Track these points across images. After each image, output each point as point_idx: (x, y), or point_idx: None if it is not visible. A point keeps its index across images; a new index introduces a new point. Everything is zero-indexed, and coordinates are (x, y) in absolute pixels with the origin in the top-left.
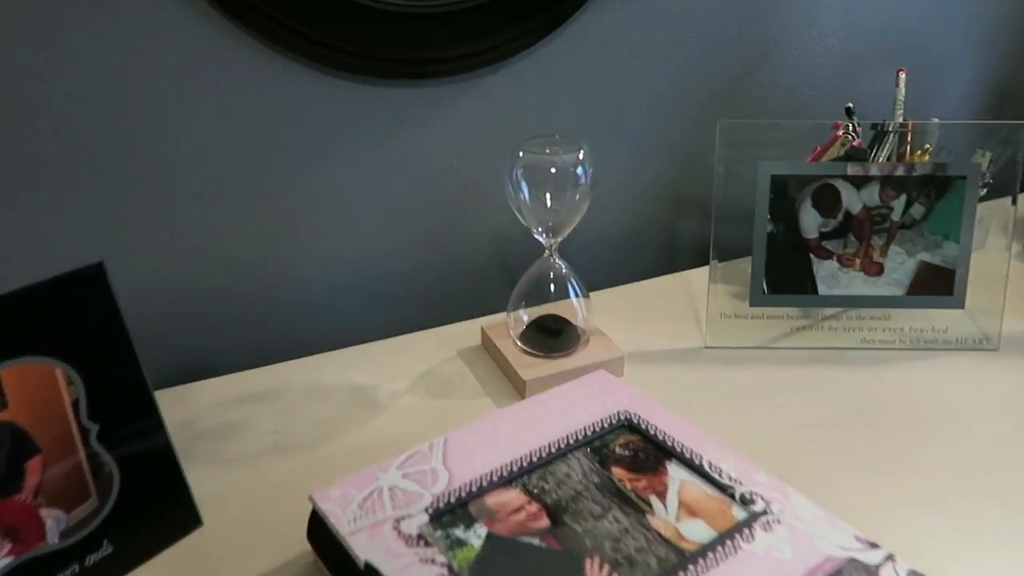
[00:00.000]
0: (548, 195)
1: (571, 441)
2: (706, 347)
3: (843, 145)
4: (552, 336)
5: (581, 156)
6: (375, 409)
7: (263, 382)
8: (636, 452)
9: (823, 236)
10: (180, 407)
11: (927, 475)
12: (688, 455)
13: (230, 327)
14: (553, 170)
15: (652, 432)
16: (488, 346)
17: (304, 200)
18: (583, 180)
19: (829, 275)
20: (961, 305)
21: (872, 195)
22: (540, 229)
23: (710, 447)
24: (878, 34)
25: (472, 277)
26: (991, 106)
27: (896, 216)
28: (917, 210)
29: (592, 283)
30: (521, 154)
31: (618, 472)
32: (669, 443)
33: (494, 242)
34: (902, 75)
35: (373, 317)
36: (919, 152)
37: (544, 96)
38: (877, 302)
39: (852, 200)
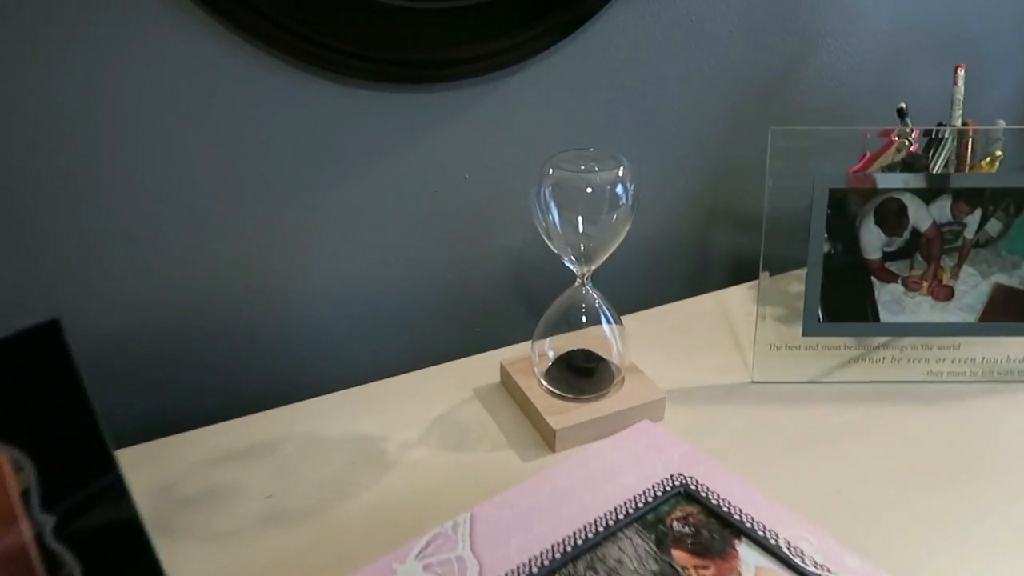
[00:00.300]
0: (581, 218)
1: (620, 515)
2: (753, 382)
3: (898, 151)
4: (583, 376)
5: (621, 173)
6: (384, 465)
7: (255, 433)
8: (698, 529)
9: (886, 257)
10: (157, 467)
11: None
12: (761, 532)
13: (216, 368)
14: (589, 190)
15: (714, 501)
16: (509, 385)
17: (302, 221)
18: (623, 201)
19: (893, 300)
20: None
21: (943, 210)
22: (572, 256)
23: (785, 519)
24: (922, 29)
25: (490, 304)
26: None
27: (970, 233)
28: (993, 226)
29: (617, 306)
30: (551, 171)
31: (680, 556)
32: (736, 516)
33: (514, 265)
34: (960, 72)
35: (380, 352)
36: (987, 160)
37: (567, 101)
38: (948, 330)
39: (920, 216)
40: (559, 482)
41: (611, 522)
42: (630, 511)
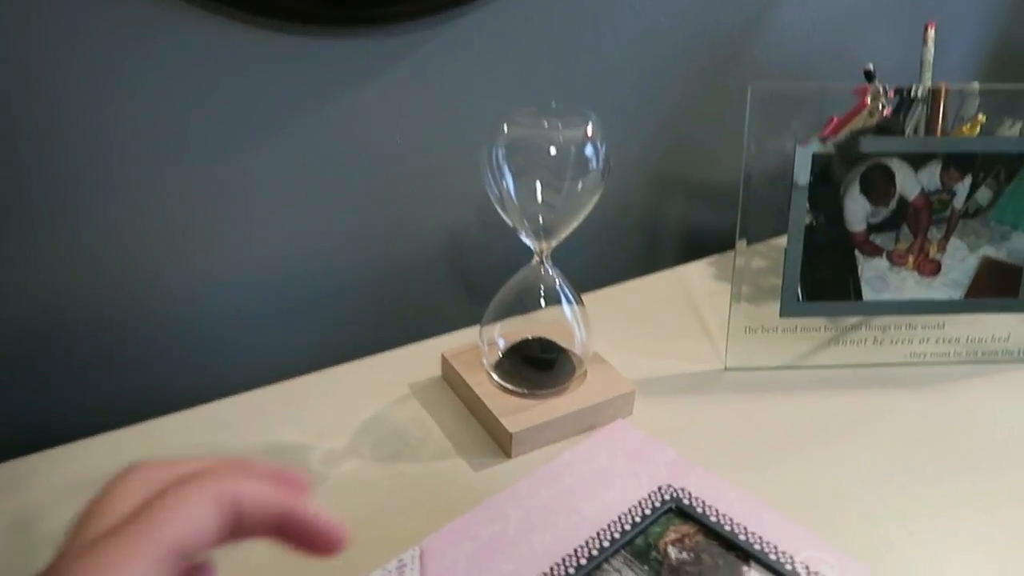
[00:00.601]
0: (541, 185)
1: (605, 542)
2: (726, 369)
3: (871, 115)
4: (541, 369)
5: (590, 131)
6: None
7: (146, 445)
8: (698, 554)
9: (871, 229)
10: (14, 494)
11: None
12: (773, 555)
13: (93, 371)
14: (552, 151)
15: (713, 518)
16: (452, 379)
17: (204, 192)
18: (593, 164)
19: (876, 276)
20: None
21: (932, 177)
22: (530, 229)
23: (797, 537)
24: None
25: (428, 286)
26: (993, 70)
27: (959, 203)
28: (983, 195)
29: None
30: (506, 128)
31: None
32: (742, 535)
33: (458, 240)
34: (931, 31)
35: (298, 343)
36: (968, 125)
37: (511, 54)
38: (934, 307)
39: (909, 183)
40: (526, 503)
41: (594, 551)
42: (615, 536)
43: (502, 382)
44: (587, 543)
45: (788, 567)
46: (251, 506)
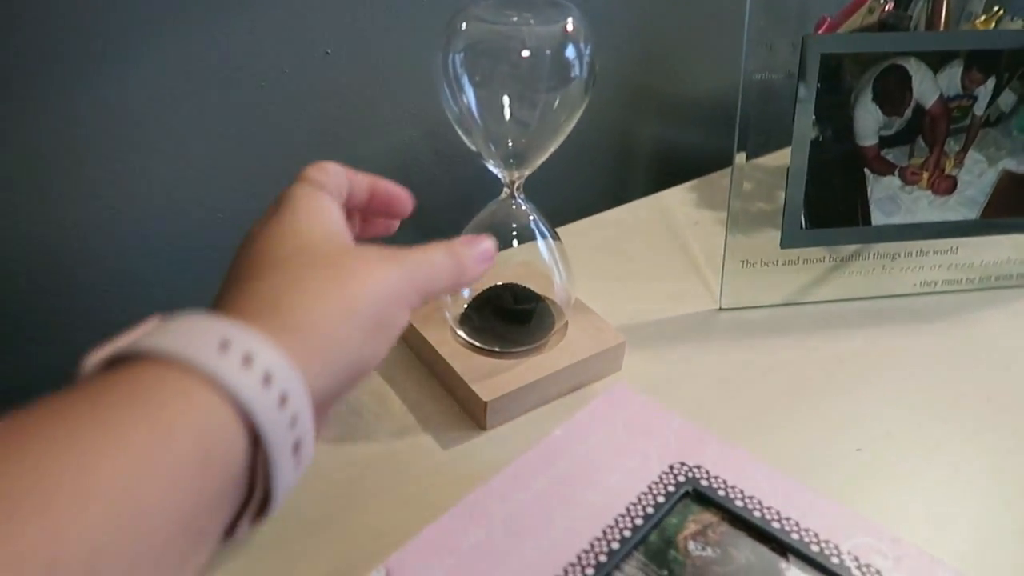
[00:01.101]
0: (510, 98)
1: (613, 543)
2: (721, 309)
3: (871, 12)
4: (516, 322)
5: (570, 28)
6: None
7: None
8: (725, 549)
9: (883, 143)
10: None
11: None
12: (816, 546)
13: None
14: (524, 53)
15: (738, 502)
16: (412, 340)
17: (83, 122)
18: (576, 71)
19: (887, 197)
20: None
21: (953, 80)
22: (497, 155)
23: (841, 520)
24: None
25: None
26: None
27: (980, 109)
28: (1007, 100)
29: None
30: (463, 26)
31: None
32: (772, 520)
33: (404, 171)
34: None
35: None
36: (982, 19)
37: None
38: (948, 230)
39: (926, 88)
40: (513, 498)
41: (602, 557)
42: (625, 534)
43: (470, 340)
44: (592, 546)
45: (835, 559)
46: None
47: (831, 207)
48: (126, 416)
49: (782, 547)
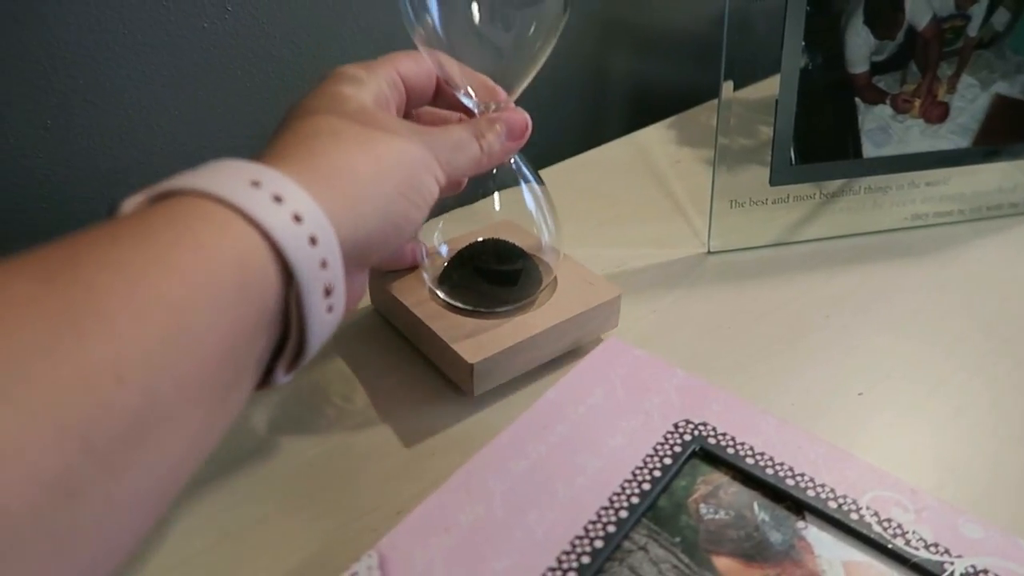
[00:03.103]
0: (482, 15)
1: (621, 511)
2: (710, 252)
3: None
4: (502, 282)
5: None
6: None
7: None
8: (739, 511)
9: (874, 69)
10: None
11: None
12: (829, 500)
13: None
14: None
15: (749, 459)
16: (387, 306)
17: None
18: None
19: (878, 128)
20: None
21: None
22: (467, 85)
23: (859, 473)
24: None
25: None
26: None
27: (973, 30)
28: (1000, 18)
29: None
30: None
31: (726, 566)
32: (786, 478)
33: None
34: None
35: None
36: None
37: None
38: (941, 159)
39: (919, 8)
40: (512, 467)
41: (611, 528)
42: (633, 501)
43: (451, 300)
44: (599, 516)
45: (854, 516)
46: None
47: (821, 140)
48: (170, 240)
49: (798, 505)
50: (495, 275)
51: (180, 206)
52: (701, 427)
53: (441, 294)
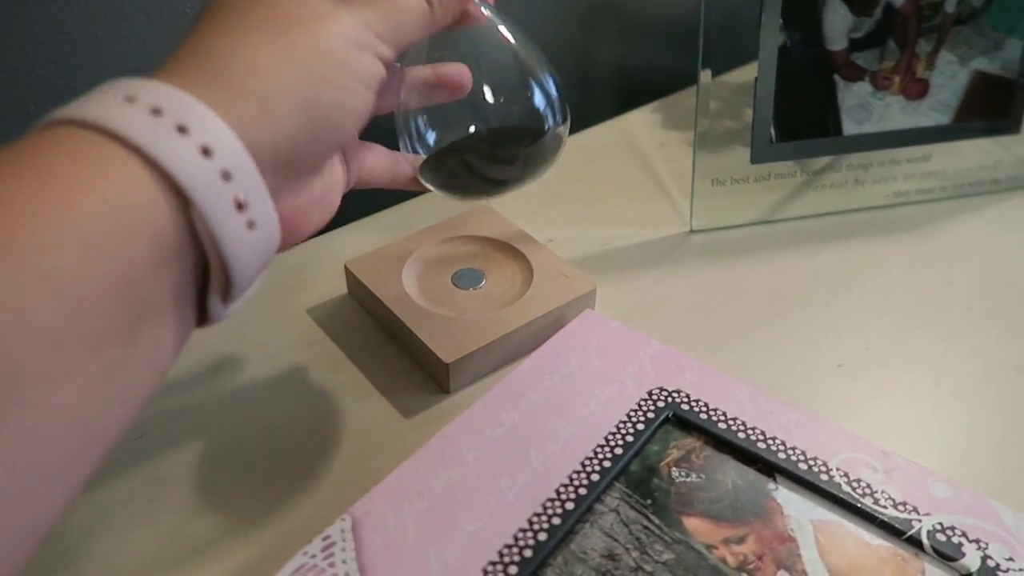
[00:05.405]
0: None
1: (593, 475)
2: (692, 231)
3: None
4: (507, 163)
5: None
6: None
7: None
8: (710, 474)
9: (852, 47)
10: None
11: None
12: (800, 462)
13: None
14: None
15: (721, 425)
16: (365, 300)
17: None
18: None
19: (858, 105)
20: (1016, 129)
21: None
22: None
23: (828, 436)
24: None
25: None
26: None
27: (951, 6)
28: None
29: None
30: None
31: (697, 527)
32: (758, 441)
33: None
34: None
35: None
36: None
37: None
38: (921, 136)
39: None
40: (486, 434)
41: (583, 490)
42: (605, 465)
43: (440, 188)
44: (571, 479)
45: (824, 476)
46: None
47: (801, 118)
48: (14, 174)
49: (769, 467)
50: (493, 160)
51: (45, 138)
52: (675, 394)
53: (432, 186)
